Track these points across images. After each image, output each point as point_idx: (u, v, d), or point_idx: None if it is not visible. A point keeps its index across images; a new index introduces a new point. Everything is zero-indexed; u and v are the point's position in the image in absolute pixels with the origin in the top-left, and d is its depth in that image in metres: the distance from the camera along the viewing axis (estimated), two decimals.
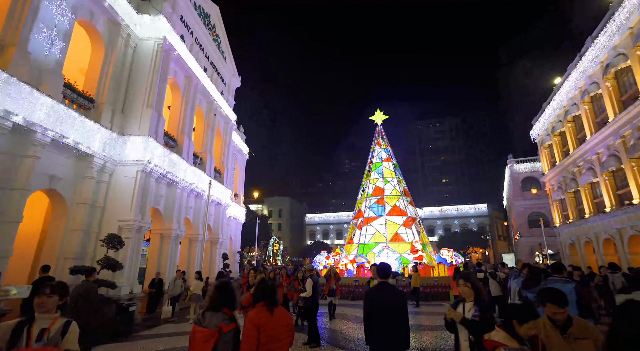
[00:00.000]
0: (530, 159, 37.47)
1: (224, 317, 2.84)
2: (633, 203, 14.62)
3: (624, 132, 15.04)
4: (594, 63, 16.97)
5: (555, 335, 2.49)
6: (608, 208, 16.94)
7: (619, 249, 16.57)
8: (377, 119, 25.51)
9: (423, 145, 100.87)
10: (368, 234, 21.82)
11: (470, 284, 3.41)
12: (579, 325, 2.51)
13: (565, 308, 2.55)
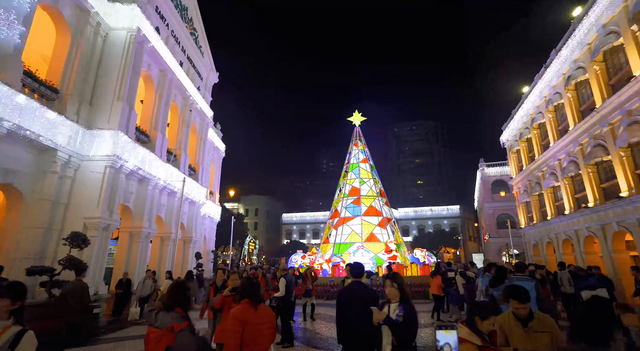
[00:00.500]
0: (499, 163, 39.19)
1: (176, 316, 2.81)
2: (588, 206, 15.66)
3: (582, 140, 16.06)
4: (557, 74, 18.00)
5: (517, 328, 2.72)
6: (567, 211, 18.03)
7: (575, 249, 17.68)
8: (355, 120, 25.76)
9: (400, 147, 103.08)
10: (344, 234, 22.00)
11: (396, 285, 3.35)
12: (539, 320, 2.73)
13: (527, 303, 2.75)
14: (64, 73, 12.03)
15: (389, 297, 3.37)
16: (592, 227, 15.69)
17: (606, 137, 14.19)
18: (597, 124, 14.64)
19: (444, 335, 1.54)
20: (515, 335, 2.69)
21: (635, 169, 12.95)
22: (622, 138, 12.77)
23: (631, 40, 12.40)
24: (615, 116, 13.42)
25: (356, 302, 4.03)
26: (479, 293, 8.57)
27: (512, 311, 2.78)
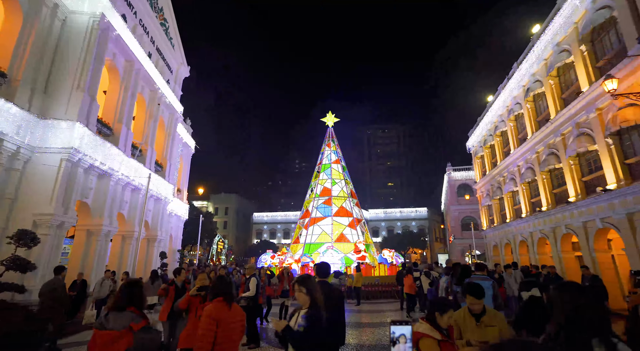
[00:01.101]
0: (465, 168, 41.05)
1: (132, 316, 2.68)
2: (542, 210, 16.81)
3: (538, 149, 17.22)
4: (518, 86, 19.18)
5: (471, 322, 2.97)
6: (524, 214, 19.25)
7: (530, 250, 18.93)
8: (328, 121, 25.95)
9: (371, 149, 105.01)
10: (314, 234, 22.09)
11: (305, 289, 2.94)
12: (490, 315, 3.02)
13: (481, 300, 3.01)
14: (13, 57, 11.07)
15: (300, 303, 3.00)
16: (545, 229, 16.84)
17: (558, 147, 15.29)
18: (551, 134, 15.74)
19: (399, 328, 1.62)
20: (469, 329, 2.92)
21: (582, 176, 14.06)
22: (571, 148, 13.81)
23: (580, 58, 13.46)
24: (566, 127, 14.50)
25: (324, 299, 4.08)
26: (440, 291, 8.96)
27: (467, 307, 3.01)
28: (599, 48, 13.01)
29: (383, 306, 14.28)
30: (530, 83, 17.59)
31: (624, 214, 11.34)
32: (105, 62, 14.57)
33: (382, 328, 9.64)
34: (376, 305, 14.52)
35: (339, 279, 14.91)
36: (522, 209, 19.55)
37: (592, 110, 12.60)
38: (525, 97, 18.20)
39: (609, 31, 12.32)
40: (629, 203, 11.08)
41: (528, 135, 18.15)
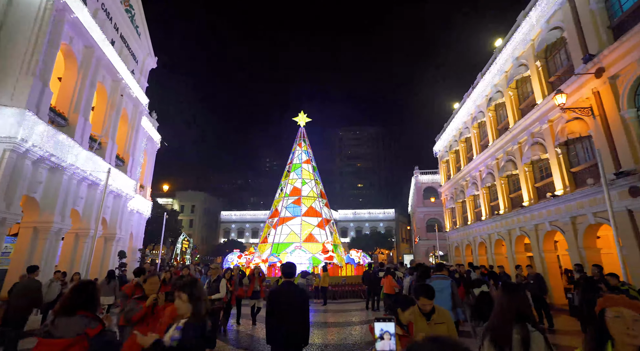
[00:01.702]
0: (432, 172, 42.66)
1: (84, 321, 2.41)
2: (499, 213, 17.87)
3: (497, 155, 18.29)
4: (481, 95, 20.26)
5: (422, 321, 3.14)
6: (484, 217, 20.35)
7: (488, 250, 20.05)
8: (300, 121, 25.89)
9: (343, 150, 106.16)
10: (283, 234, 21.94)
11: (186, 296, 2.48)
12: (439, 313, 3.21)
13: (432, 300, 3.18)
14: None
15: (179, 312, 2.51)
16: (501, 231, 17.89)
17: (515, 154, 16.31)
18: (509, 142, 16.75)
19: (383, 324, 1.70)
20: (420, 327, 3.08)
21: (535, 182, 15.10)
22: (526, 156, 14.79)
23: (535, 73, 14.46)
24: (523, 137, 15.50)
25: (286, 302, 4.04)
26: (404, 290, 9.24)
27: (418, 307, 3.15)
28: (551, 64, 14.03)
29: (349, 305, 14.46)
30: (493, 93, 18.61)
31: (568, 217, 12.32)
32: (61, 46, 13.53)
33: (348, 328, 9.75)
34: (342, 305, 14.67)
35: (307, 280, 14.91)
36: (482, 212, 20.64)
37: (544, 121, 13.56)
38: (487, 106, 19.22)
39: (560, 50, 13.33)
40: (573, 208, 12.05)
41: (489, 142, 19.18)
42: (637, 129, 9.59)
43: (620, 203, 9.70)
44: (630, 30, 9.32)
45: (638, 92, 9.67)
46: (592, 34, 11.00)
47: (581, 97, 11.42)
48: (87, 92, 15.30)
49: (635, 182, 9.26)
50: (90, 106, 16.00)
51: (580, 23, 11.56)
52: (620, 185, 9.64)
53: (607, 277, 7.33)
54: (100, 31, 15.61)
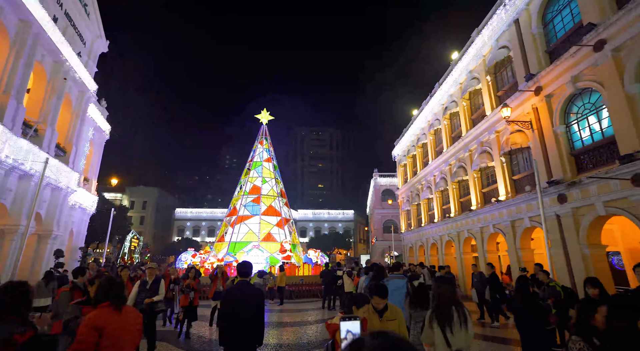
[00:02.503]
0: (390, 175, 44.23)
1: (12, 327, 2.21)
2: (451, 216, 19.03)
3: (450, 162, 19.46)
4: (438, 104, 21.44)
5: (375, 318, 3.30)
6: (436, 219, 21.53)
7: (439, 251, 21.25)
8: (262, 118, 25.48)
9: (305, 150, 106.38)
10: (241, 233, 21.44)
11: None
12: (391, 310, 3.38)
13: (385, 299, 3.32)
14: None
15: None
16: (452, 233, 19.04)
17: (466, 161, 17.45)
18: (461, 149, 17.88)
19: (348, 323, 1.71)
20: (373, 324, 3.25)
21: (482, 188, 16.27)
22: (476, 163, 15.89)
23: (486, 87, 15.62)
24: (473, 145, 16.64)
25: (241, 302, 3.94)
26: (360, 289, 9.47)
27: (372, 305, 3.29)
28: (500, 79, 15.23)
29: (306, 305, 14.50)
30: (448, 103, 19.75)
31: (509, 221, 13.45)
32: None
33: (303, 327, 9.77)
34: (299, 304, 14.67)
35: (263, 279, 14.71)
36: (435, 215, 21.80)
37: (492, 132, 14.68)
38: (443, 114, 20.35)
39: (507, 67, 14.52)
40: (513, 212, 13.18)
41: (444, 149, 20.32)
42: (566, 143, 10.74)
43: (551, 208, 10.79)
44: (562, 56, 10.42)
45: (568, 110, 10.83)
46: (533, 56, 12.12)
47: (523, 112, 12.52)
48: (21, 71, 13.72)
49: (562, 190, 10.35)
50: (25, 88, 14.38)
51: (524, 45, 12.69)
52: (551, 193, 10.72)
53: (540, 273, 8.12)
54: (38, 4, 14.08)
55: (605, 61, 9.03)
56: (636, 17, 8.22)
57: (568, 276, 10.19)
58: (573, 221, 10.17)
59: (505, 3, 13.45)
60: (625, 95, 8.51)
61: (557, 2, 11.55)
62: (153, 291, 6.34)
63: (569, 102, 10.74)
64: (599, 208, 9.29)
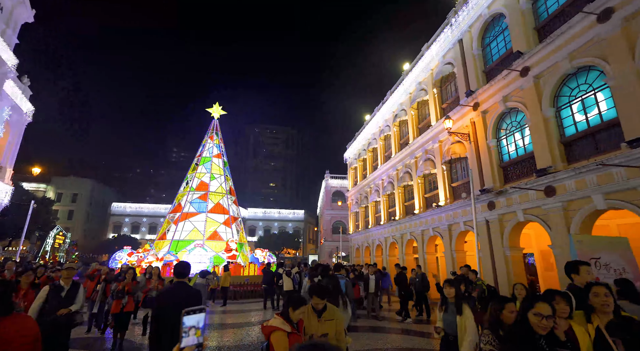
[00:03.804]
0: (341, 177, 45.23)
1: None
2: (396, 219, 20.03)
3: (398, 167, 20.50)
4: (389, 111, 22.47)
5: (313, 318, 3.32)
6: (382, 222, 22.50)
7: (383, 252, 22.23)
8: (214, 113, 24.51)
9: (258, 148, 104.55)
10: (185, 231, 20.35)
11: None
12: (329, 311, 3.41)
13: (324, 299, 3.37)
14: None
15: None
16: (396, 235, 20.03)
17: (412, 167, 18.49)
18: (408, 156, 18.91)
19: (192, 317, 1.50)
20: (312, 324, 3.26)
21: (425, 193, 17.37)
22: (420, 169, 16.92)
23: (432, 98, 16.73)
24: (419, 152, 17.69)
25: (176, 305, 3.72)
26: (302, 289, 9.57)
27: (311, 305, 3.34)
28: (444, 93, 16.41)
29: (250, 305, 14.21)
30: (398, 111, 20.77)
31: (446, 225, 14.53)
32: None
33: (246, 328, 9.57)
34: (243, 305, 14.34)
35: (206, 279, 14.10)
36: (382, 217, 22.75)
37: (436, 141, 15.75)
38: (393, 121, 21.34)
39: (452, 82, 15.71)
40: (450, 217, 14.27)
41: (392, 154, 21.31)
42: (497, 155, 11.92)
43: (482, 214, 11.89)
44: (496, 77, 11.59)
45: (499, 126, 12.04)
46: (473, 74, 13.27)
47: (463, 125, 13.63)
48: None
49: (492, 198, 11.47)
50: None
51: (466, 63, 13.84)
52: (483, 200, 11.82)
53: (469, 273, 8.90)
54: None
55: (528, 85, 10.20)
56: (552, 50, 9.43)
57: (492, 275, 11.30)
58: (499, 226, 11.31)
59: (452, 23, 14.55)
60: (542, 117, 9.71)
61: (493, 28, 12.79)
62: (70, 298, 5.05)
63: (500, 118, 11.94)
64: (519, 215, 10.44)
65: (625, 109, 7.54)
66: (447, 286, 4.35)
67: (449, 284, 4.34)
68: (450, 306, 4.24)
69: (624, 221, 10.44)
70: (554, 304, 2.68)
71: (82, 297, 5.22)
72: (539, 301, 2.40)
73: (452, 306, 4.20)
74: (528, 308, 2.39)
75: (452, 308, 4.20)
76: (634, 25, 7.53)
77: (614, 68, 7.80)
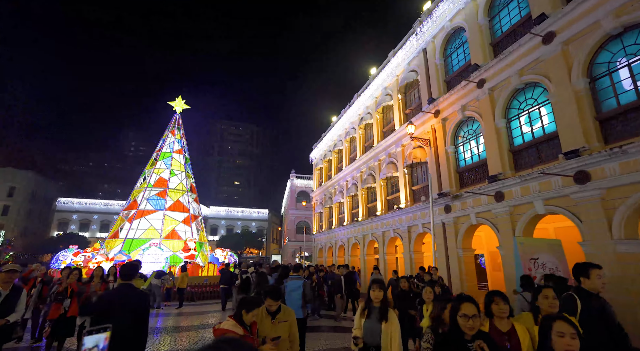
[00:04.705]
0: (306, 177, 45.28)
1: None
2: (358, 220, 20.45)
3: (362, 169, 20.96)
4: (355, 114, 22.90)
5: (267, 320, 3.30)
6: (345, 222, 22.86)
7: (346, 252, 22.59)
8: (176, 106, 23.47)
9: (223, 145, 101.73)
10: (140, 229, 19.26)
11: None
12: (284, 312, 3.40)
13: (279, 301, 3.35)
14: None
15: None
16: (358, 236, 20.43)
17: (375, 170, 18.98)
18: (372, 158, 19.38)
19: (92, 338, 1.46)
20: (265, 327, 3.23)
21: (387, 195, 17.91)
22: (383, 172, 17.42)
23: (397, 103, 17.31)
24: (382, 155, 18.20)
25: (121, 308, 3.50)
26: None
27: (265, 307, 3.32)
28: (408, 99, 17.05)
29: (208, 307, 13.76)
30: (364, 114, 21.22)
31: (406, 226, 15.09)
32: None
33: (201, 331, 9.24)
34: (200, 307, 13.85)
35: (161, 280, 13.50)
36: (345, 218, 23.10)
37: (399, 145, 16.30)
38: (359, 124, 21.77)
39: (415, 89, 16.35)
40: (410, 219, 14.84)
41: (357, 156, 21.72)
42: (454, 161, 12.60)
43: (439, 217, 12.50)
44: (456, 87, 12.27)
45: (457, 133, 12.74)
46: (435, 82, 13.93)
47: (424, 130, 14.24)
48: None
49: (448, 201, 12.10)
50: None
51: (429, 71, 14.49)
52: (440, 203, 12.44)
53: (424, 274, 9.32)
54: None
55: (484, 96, 10.91)
56: (505, 65, 10.17)
57: (447, 275, 11.91)
58: (454, 229, 11.96)
59: (417, 33, 15.16)
60: (495, 127, 10.42)
61: (455, 41, 13.52)
62: (8, 306, 4.34)
63: (458, 126, 12.63)
64: (472, 218, 11.12)
65: (563, 124, 8.31)
66: (375, 288, 3.59)
67: (378, 286, 3.59)
68: (374, 311, 3.54)
69: (559, 224, 11.50)
70: (494, 304, 2.84)
71: (23, 305, 4.54)
72: (464, 302, 2.43)
73: (376, 312, 3.52)
74: (455, 309, 2.43)
75: (376, 314, 3.51)
76: (571, 49, 8.34)
77: (554, 86, 8.58)
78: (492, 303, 2.86)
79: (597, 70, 7.94)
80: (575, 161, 7.66)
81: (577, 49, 8.19)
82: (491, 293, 2.96)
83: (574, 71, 8.13)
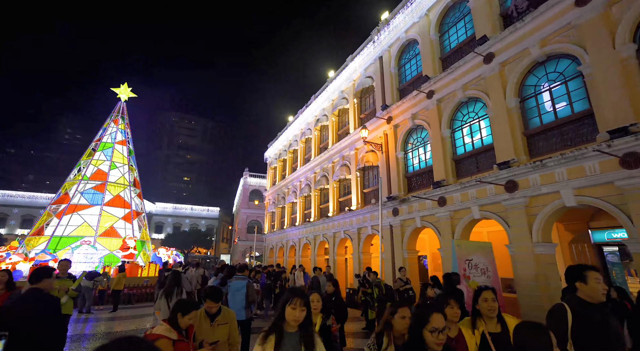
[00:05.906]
0: (260, 175, 44.49)
1: None
2: (310, 221, 20.58)
3: (316, 170, 21.13)
4: (312, 115, 23.04)
5: (206, 323, 3.16)
6: (297, 223, 22.85)
7: (297, 253, 22.59)
8: (121, 93, 21.66)
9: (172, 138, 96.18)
10: (71, 226, 17.42)
11: None
12: (224, 314, 3.29)
13: (219, 303, 3.24)
14: None
15: None
16: (309, 237, 20.53)
17: (329, 172, 19.25)
18: (326, 160, 19.63)
19: None
20: (203, 329, 3.09)
21: (339, 197, 18.26)
22: (336, 174, 17.73)
23: (352, 108, 17.75)
24: (336, 158, 18.53)
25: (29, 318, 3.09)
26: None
27: (204, 309, 3.20)
28: (364, 104, 17.56)
29: (145, 310, 12.86)
30: (320, 115, 21.43)
31: (356, 228, 15.51)
32: None
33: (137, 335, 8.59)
34: (137, 310, 12.91)
35: (94, 282, 12.39)
36: (297, 218, 23.09)
37: (352, 148, 16.71)
38: (315, 125, 21.93)
39: (371, 94, 16.91)
40: (360, 220, 15.28)
41: (312, 157, 21.84)
42: (403, 166, 13.25)
43: (387, 219, 13.04)
44: (407, 96, 12.92)
45: (407, 140, 13.42)
46: (389, 90, 14.53)
47: (377, 135, 14.77)
48: None
49: (396, 205, 12.68)
50: None
51: (384, 79, 15.08)
52: (389, 206, 12.98)
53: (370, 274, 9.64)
54: None
55: (432, 107, 11.63)
56: (451, 79, 10.96)
57: (392, 276, 12.46)
58: (400, 231, 12.55)
59: (374, 40, 15.69)
60: (441, 136, 11.16)
61: (409, 51, 14.23)
62: None
63: (408, 133, 13.30)
64: (417, 221, 11.76)
65: (497, 137, 9.17)
66: (297, 303, 2.24)
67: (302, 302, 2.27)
68: (289, 339, 2.20)
69: (492, 228, 12.63)
70: (449, 308, 2.79)
71: None
72: (434, 312, 2.07)
73: (293, 340, 2.20)
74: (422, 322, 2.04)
75: (292, 343, 2.19)
76: (507, 70, 9.25)
77: (492, 102, 9.44)
78: (447, 306, 2.82)
79: (526, 91, 8.90)
80: (506, 171, 8.49)
81: (511, 70, 9.09)
82: (446, 295, 2.94)
83: (508, 90, 9.02)
